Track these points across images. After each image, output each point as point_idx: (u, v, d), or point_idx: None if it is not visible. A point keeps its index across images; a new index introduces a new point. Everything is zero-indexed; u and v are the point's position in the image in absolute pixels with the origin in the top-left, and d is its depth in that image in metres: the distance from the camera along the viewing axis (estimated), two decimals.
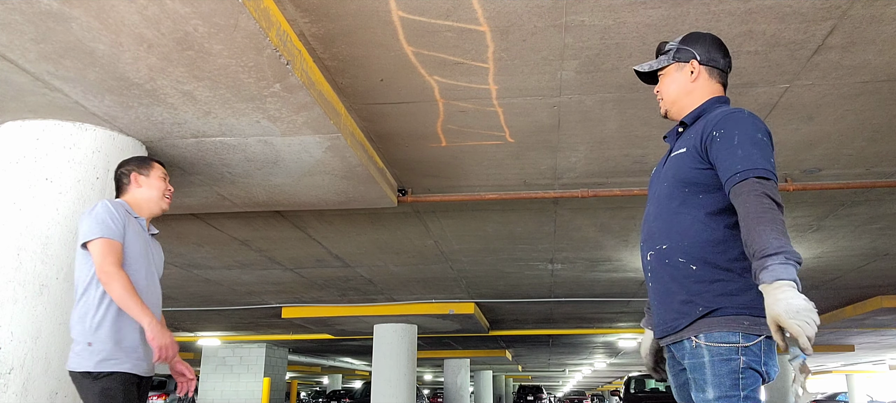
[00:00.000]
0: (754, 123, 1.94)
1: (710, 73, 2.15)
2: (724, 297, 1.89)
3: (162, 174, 3.00)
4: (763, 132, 1.93)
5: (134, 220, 2.82)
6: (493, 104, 4.00)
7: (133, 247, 2.73)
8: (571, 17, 3.12)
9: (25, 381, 3.17)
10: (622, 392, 18.16)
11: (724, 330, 1.87)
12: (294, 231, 6.66)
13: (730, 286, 1.89)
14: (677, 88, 2.17)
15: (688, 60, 2.16)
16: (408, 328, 11.81)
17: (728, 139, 1.92)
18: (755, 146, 1.89)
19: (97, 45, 2.80)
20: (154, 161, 3.03)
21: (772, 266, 1.69)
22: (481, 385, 27.14)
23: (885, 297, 10.51)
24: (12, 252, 3.29)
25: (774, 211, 1.78)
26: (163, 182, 2.98)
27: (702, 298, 1.91)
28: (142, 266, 2.75)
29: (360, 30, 3.22)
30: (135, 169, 2.95)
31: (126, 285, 2.59)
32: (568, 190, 5.41)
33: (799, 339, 1.60)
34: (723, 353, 1.86)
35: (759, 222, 1.75)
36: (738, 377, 1.85)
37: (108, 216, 2.66)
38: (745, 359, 1.85)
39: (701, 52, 2.16)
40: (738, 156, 1.88)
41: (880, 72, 3.64)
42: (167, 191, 2.98)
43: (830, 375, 31.04)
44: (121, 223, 2.69)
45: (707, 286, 1.91)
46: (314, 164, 4.25)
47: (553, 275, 9.02)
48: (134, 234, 2.76)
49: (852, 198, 5.78)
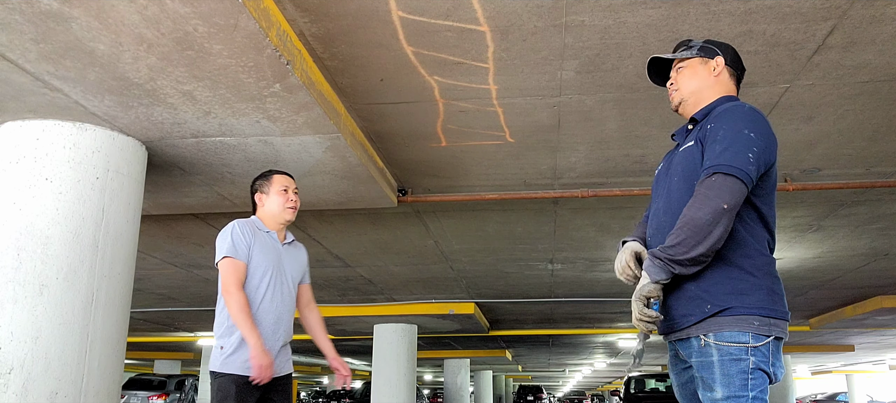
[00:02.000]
0: (746, 118, 1.93)
1: (730, 75, 2.16)
2: (734, 296, 1.87)
3: (282, 186, 3.12)
4: (753, 127, 1.91)
5: (264, 235, 3.04)
6: (493, 104, 4.00)
7: (259, 262, 2.97)
8: (571, 17, 3.12)
9: (25, 381, 3.17)
10: (622, 392, 18.15)
11: (734, 329, 1.86)
12: (294, 231, 6.66)
13: (740, 285, 1.88)
14: (699, 82, 2.16)
15: (713, 57, 2.17)
16: (408, 328, 11.81)
17: (715, 132, 1.94)
18: (736, 141, 1.88)
19: (97, 45, 2.80)
20: (275, 173, 3.16)
21: (653, 265, 1.89)
22: (481, 385, 27.13)
23: (885, 297, 10.51)
24: (12, 252, 3.29)
25: (706, 215, 1.81)
26: (283, 194, 3.10)
27: (711, 296, 1.89)
28: (267, 279, 2.97)
29: (360, 30, 3.22)
30: (258, 187, 3.16)
31: (240, 306, 2.85)
32: (568, 190, 5.40)
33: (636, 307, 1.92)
34: (733, 353, 1.85)
35: (684, 221, 1.85)
36: (747, 377, 1.84)
37: (233, 237, 2.95)
38: (754, 360, 1.84)
39: (726, 54, 2.18)
40: (716, 151, 1.89)
41: (880, 72, 3.64)
42: (289, 200, 3.10)
43: (830, 375, 31.03)
44: (245, 243, 2.94)
45: (717, 284, 1.89)
46: (314, 164, 4.25)
47: (553, 275, 9.02)
48: (261, 249, 2.98)
49: (852, 198, 5.78)
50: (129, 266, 3.69)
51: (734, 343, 1.85)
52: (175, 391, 14.05)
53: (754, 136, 1.89)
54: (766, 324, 1.86)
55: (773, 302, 1.88)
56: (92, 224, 3.46)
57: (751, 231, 1.93)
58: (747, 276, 1.89)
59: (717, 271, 1.90)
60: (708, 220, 1.81)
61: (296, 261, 3.17)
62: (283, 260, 3.07)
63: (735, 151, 1.86)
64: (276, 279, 3.00)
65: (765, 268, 1.91)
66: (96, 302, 3.44)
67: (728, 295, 1.88)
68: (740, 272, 1.89)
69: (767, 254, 1.94)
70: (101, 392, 3.44)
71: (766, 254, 1.94)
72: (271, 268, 2.99)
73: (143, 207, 5.02)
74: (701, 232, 1.82)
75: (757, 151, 1.87)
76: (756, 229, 1.94)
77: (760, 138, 1.90)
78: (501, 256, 7.88)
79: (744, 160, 1.85)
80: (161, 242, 6.98)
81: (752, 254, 1.91)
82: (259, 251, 2.98)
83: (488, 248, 7.48)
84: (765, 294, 1.87)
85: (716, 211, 1.81)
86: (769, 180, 1.97)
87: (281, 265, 3.06)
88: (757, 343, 1.84)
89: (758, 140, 1.89)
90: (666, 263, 1.87)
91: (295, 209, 3.13)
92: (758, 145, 1.88)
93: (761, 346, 1.85)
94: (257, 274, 2.96)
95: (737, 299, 1.87)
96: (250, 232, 2.99)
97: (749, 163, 1.85)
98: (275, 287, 2.99)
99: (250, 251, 2.95)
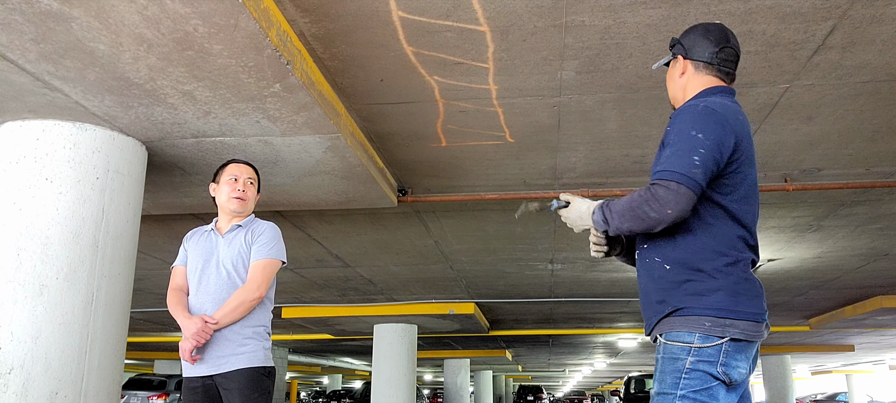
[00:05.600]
0: (695, 118, 1.89)
1: (696, 68, 2.08)
2: (691, 297, 1.88)
3: (231, 175, 3.03)
4: (702, 127, 1.87)
5: (202, 233, 3.05)
6: (493, 104, 4.00)
7: (192, 260, 3.00)
8: (571, 17, 3.12)
9: (25, 381, 3.17)
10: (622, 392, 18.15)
11: (682, 329, 1.87)
12: (294, 231, 6.66)
13: (699, 286, 1.88)
14: (673, 85, 2.15)
15: (677, 56, 2.14)
16: (408, 328, 11.81)
17: (668, 135, 1.93)
18: (682, 144, 1.86)
19: (97, 45, 2.80)
20: (230, 162, 3.08)
21: (597, 211, 2.02)
22: (481, 385, 27.14)
23: (885, 297, 10.51)
24: (12, 252, 3.29)
25: (648, 213, 1.84)
26: (231, 184, 3.01)
27: (670, 297, 1.91)
28: (195, 274, 2.97)
29: (360, 30, 3.22)
30: (214, 177, 3.10)
31: (169, 304, 2.95)
32: (568, 190, 5.41)
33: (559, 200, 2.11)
34: (674, 352, 1.87)
35: (631, 205, 1.90)
36: (680, 376, 1.84)
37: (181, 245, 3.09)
38: (693, 360, 1.84)
39: (687, 47, 2.11)
40: (665, 155, 1.88)
41: (880, 72, 3.64)
42: (235, 190, 2.99)
43: (830, 375, 31.03)
44: (183, 248, 3.06)
45: (678, 286, 1.91)
46: (314, 164, 4.25)
47: (553, 275, 9.03)
48: (194, 247, 3.02)
49: (852, 197, 5.78)
50: (129, 266, 3.69)
51: (678, 343, 1.87)
52: (175, 391, 14.03)
53: (701, 137, 1.85)
54: (720, 325, 1.83)
55: (734, 303, 1.85)
56: (92, 224, 3.46)
57: (713, 231, 1.90)
58: (705, 278, 1.87)
59: (678, 273, 1.91)
60: (648, 218, 1.86)
61: (231, 245, 2.97)
62: (218, 251, 2.97)
63: (680, 155, 1.84)
64: (203, 271, 2.94)
65: (728, 269, 1.87)
66: (96, 302, 3.44)
67: (685, 296, 1.89)
68: (699, 274, 1.88)
69: (734, 253, 1.89)
70: (101, 392, 3.44)
71: (732, 253, 1.89)
72: (201, 262, 2.96)
73: (143, 207, 5.02)
74: (637, 223, 1.89)
75: (704, 152, 1.83)
76: (722, 228, 1.90)
77: (708, 137, 1.85)
78: (501, 256, 7.88)
79: (687, 164, 1.83)
80: (161, 242, 6.98)
81: (711, 256, 1.88)
82: (192, 249, 3.02)
83: (488, 248, 7.49)
84: (724, 294, 1.85)
85: (659, 218, 1.84)
86: (738, 176, 1.92)
87: (214, 256, 2.96)
88: (703, 344, 1.83)
89: (705, 140, 1.84)
90: (602, 209, 1.99)
91: (241, 199, 2.98)
92: (705, 146, 1.84)
93: (709, 348, 1.83)
94: (189, 272, 3.00)
95: (694, 299, 1.87)
96: (191, 236, 3.07)
97: (693, 167, 1.82)
98: (201, 279, 2.94)
99: (186, 253, 3.03)
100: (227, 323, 2.81)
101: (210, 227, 3.04)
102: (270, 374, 2.89)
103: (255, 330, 2.88)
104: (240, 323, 2.84)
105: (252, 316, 2.87)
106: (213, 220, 3.08)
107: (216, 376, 2.81)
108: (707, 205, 1.90)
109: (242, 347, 2.83)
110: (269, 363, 2.91)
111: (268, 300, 2.98)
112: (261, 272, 2.88)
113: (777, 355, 18.25)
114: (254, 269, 2.89)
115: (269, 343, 2.95)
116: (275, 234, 2.99)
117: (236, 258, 2.93)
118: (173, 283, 3.01)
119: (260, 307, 2.91)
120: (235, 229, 2.99)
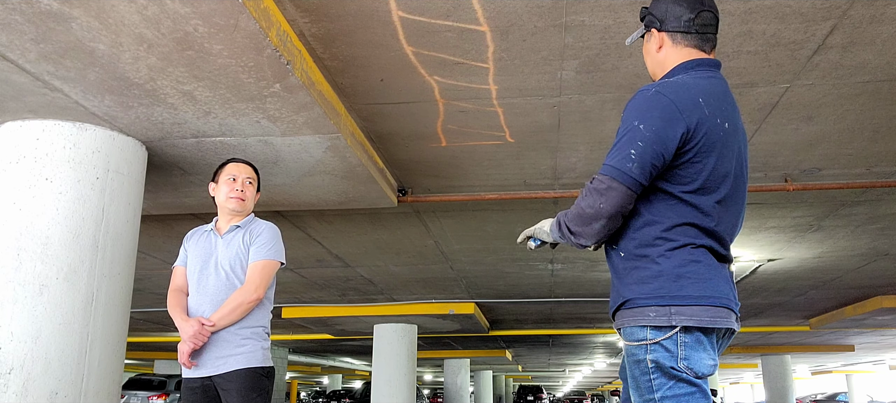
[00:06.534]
0: (640, 107, 1.75)
1: (674, 40, 1.88)
2: (636, 285, 1.75)
3: (229, 175, 3.02)
4: (645, 116, 1.73)
5: (202, 233, 3.04)
6: (493, 104, 4.00)
7: (191, 261, 3.01)
8: (571, 17, 3.12)
9: (25, 381, 3.17)
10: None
11: (632, 324, 1.74)
12: (294, 231, 6.66)
13: (642, 273, 1.74)
14: (651, 61, 1.95)
15: (651, 29, 1.94)
16: (408, 328, 11.81)
17: (619, 126, 1.81)
18: (624, 137, 1.74)
19: (97, 45, 2.80)
20: (229, 162, 3.07)
21: (553, 224, 1.94)
22: (481, 385, 27.14)
23: (885, 297, 10.51)
24: (12, 252, 3.29)
25: (578, 217, 1.80)
26: (230, 183, 3.00)
27: (623, 287, 1.79)
28: (194, 274, 2.97)
29: (360, 30, 3.22)
30: (213, 177, 3.10)
31: (169, 305, 2.96)
32: (568, 190, 5.40)
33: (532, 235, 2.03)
34: (634, 353, 1.74)
35: (576, 212, 1.83)
36: (650, 378, 1.70)
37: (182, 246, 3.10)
38: (651, 357, 1.69)
39: (660, 17, 1.90)
40: (611, 150, 1.77)
41: (880, 72, 3.64)
42: (233, 190, 2.99)
43: (830, 375, 31.03)
44: (183, 248, 3.06)
45: (627, 274, 1.78)
46: (314, 164, 4.25)
47: (553, 275, 9.03)
48: (194, 248, 3.02)
49: (852, 197, 5.78)
50: (129, 266, 3.69)
51: (634, 341, 1.73)
52: (175, 391, 14.03)
53: (642, 128, 1.71)
54: (665, 313, 1.68)
55: (677, 287, 1.69)
56: (92, 224, 3.47)
57: (661, 218, 1.75)
58: (649, 263, 1.74)
59: (628, 261, 1.79)
60: (585, 215, 1.77)
61: (230, 246, 2.96)
62: (217, 251, 2.96)
63: (618, 148, 1.74)
64: (202, 272, 2.94)
65: (669, 253, 1.72)
66: (96, 302, 3.44)
67: (632, 285, 1.76)
68: (643, 260, 1.75)
69: (682, 239, 1.73)
70: (101, 392, 3.44)
71: (679, 239, 1.73)
72: (200, 263, 2.96)
73: (143, 207, 5.02)
74: (579, 222, 1.81)
75: (642, 146, 1.70)
76: (670, 214, 1.75)
77: (649, 128, 1.71)
78: (501, 256, 7.88)
79: (623, 158, 1.72)
80: (161, 242, 6.98)
81: (656, 243, 1.74)
82: (191, 250, 3.02)
83: (488, 248, 7.48)
84: (667, 279, 1.70)
85: (594, 214, 1.75)
86: (694, 166, 1.74)
87: (213, 257, 2.96)
88: (656, 338, 1.68)
89: (645, 132, 1.70)
90: (558, 218, 1.91)
91: (239, 199, 2.97)
92: (644, 138, 1.70)
93: (663, 340, 1.68)
94: (189, 272, 3.00)
95: (638, 288, 1.74)
96: (191, 236, 3.08)
97: (628, 161, 1.71)
98: (201, 280, 2.94)
99: (186, 253, 3.04)
100: (225, 325, 2.81)
101: (210, 227, 3.04)
102: (269, 374, 2.89)
103: (254, 331, 2.87)
104: (238, 324, 2.84)
105: (251, 317, 2.87)
106: (213, 220, 3.07)
107: (215, 377, 2.81)
108: (659, 194, 1.77)
109: (241, 348, 2.83)
110: (268, 363, 2.90)
111: (267, 300, 2.97)
112: (259, 273, 2.88)
113: (777, 355, 18.26)
114: (252, 270, 2.89)
115: (267, 344, 2.94)
116: (273, 235, 2.98)
117: (235, 259, 2.93)
118: (173, 284, 3.02)
119: (259, 307, 2.91)
120: (234, 230, 2.99)
